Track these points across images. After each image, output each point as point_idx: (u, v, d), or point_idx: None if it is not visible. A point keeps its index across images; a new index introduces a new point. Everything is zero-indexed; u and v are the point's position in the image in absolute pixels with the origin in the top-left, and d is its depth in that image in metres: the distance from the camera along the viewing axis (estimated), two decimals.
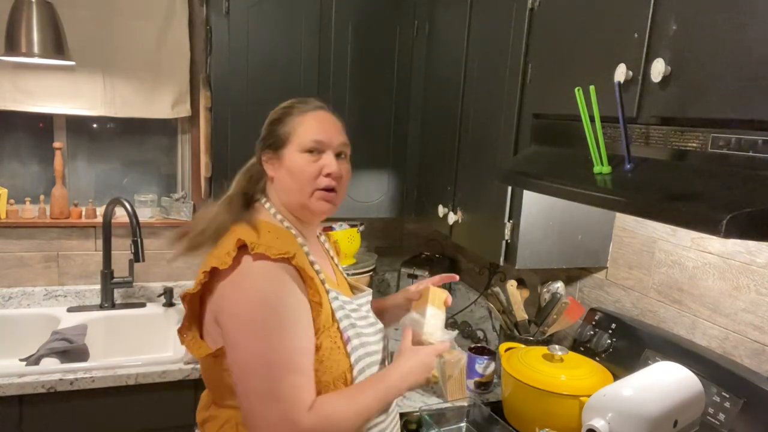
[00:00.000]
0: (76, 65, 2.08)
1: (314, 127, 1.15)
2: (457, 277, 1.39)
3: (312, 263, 1.12)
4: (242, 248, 1.02)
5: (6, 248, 2.19)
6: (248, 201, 1.20)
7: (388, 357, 1.22)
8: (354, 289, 1.30)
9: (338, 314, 1.09)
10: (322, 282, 1.11)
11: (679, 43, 0.96)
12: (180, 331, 1.13)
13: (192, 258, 1.13)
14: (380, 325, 1.23)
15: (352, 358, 1.08)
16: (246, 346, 0.99)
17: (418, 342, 1.17)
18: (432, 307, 1.23)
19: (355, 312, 1.16)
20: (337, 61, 2.09)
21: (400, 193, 2.28)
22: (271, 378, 0.97)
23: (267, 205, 1.18)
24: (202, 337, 1.11)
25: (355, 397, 1.05)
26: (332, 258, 1.32)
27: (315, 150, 1.13)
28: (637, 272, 1.60)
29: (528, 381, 1.42)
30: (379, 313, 1.32)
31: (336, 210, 1.18)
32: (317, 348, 1.04)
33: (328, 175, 1.13)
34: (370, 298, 1.27)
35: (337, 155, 1.16)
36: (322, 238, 1.34)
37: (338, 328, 1.08)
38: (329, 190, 1.14)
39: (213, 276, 1.04)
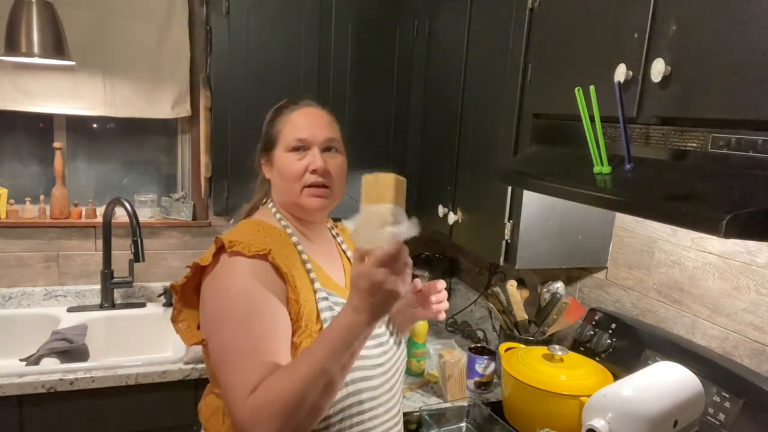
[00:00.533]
0: (76, 65, 2.08)
1: (298, 124, 1.15)
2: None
3: (304, 262, 1.11)
4: (222, 247, 1.05)
5: (6, 248, 2.19)
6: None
7: (392, 370, 1.18)
8: None
9: (324, 315, 1.07)
10: (312, 281, 1.10)
11: (679, 43, 0.96)
12: (173, 320, 1.16)
13: (192, 258, 1.15)
14: (382, 330, 1.19)
15: None
16: (213, 338, 1.02)
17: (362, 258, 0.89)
18: (366, 205, 0.90)
19: None
20: (337, 61, 2.09)
21: None
22: (230, 366, 0.97)
23: (270, 205, 1.21)
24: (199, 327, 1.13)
25: (295, 369, 0.91)
26: (344, 252, 1.30)
27: (300, 148, 1.14)
28: (637, 272, 1.60)
29: (528, 381, 1.42)
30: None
31: (333, 205, 1.18)
32: (296, 346, 1.03)
33: (314, 172, 1.12)
34: None
35: (327, 149, 1.16)
36: (340, 238, 1.33)
37: (321, 329, 1.06)
38: (318, 186, 1.14)
39: (197, 272, 1.08)
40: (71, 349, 1.86)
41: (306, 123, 1.15)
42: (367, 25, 2.11)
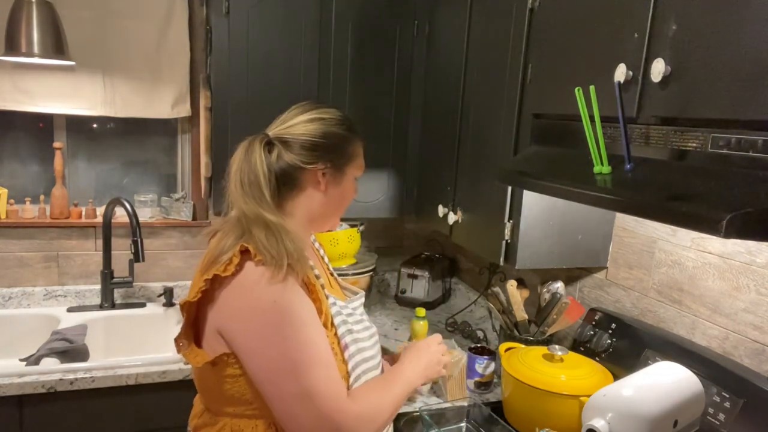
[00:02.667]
0: (76, 65, 2.08)
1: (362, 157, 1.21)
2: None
3: (312, 268, 1.10)
4: (245, 254, 1.00)
5: (6, 248, 2.19)
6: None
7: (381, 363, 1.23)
8: (345, 290, 1.29)
9: (336, 320, 1.08)
10: (322, 287, 1.10)
11: (679, 43, 0.96)
12: (177, 340, 1.09)
13: (192, 258, 1.13)
14: (374, 329, 1.22)
15: (350, 365, 1.07)
16: (265, 352, 0.98)
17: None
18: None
19: (351, 316, 1.14)
20: (337, 61, 2.09)
21: (400, 193, 2.28)
22: (302, 378, 0.96)
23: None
24: (198, 344, 1.07)
25: (386, 389, 1.10)
26: (323, 258, 1.31)
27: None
28: (637, 272, 1.60)
29: (528, 381, 1.42)
30: None
31: None
32: None
33: None
34: (363, 300, 1.27)
35: None
36: (312, 237, 1.32)
37: (336, 334, 1.07)
38: None
39: (214, 283, 1.01)
40: (71, 349, 1.86)
41: None
42: (367, 25, 2.11)
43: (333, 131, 1.13)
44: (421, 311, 1.86)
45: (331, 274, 1.30)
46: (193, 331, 1.08)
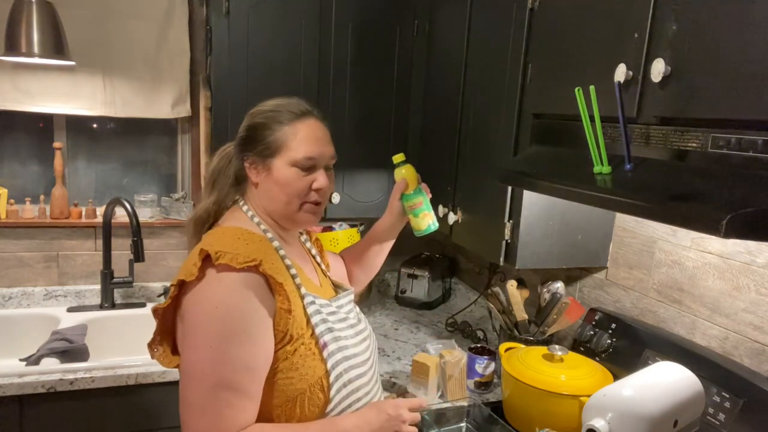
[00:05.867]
0: (76, 65, 2.08)
1: (307, 141, 1.10)
2: None
3: (288, 267, 1.09)
4: (207, 259, 0.99)
5: (6, 248, 2.19)
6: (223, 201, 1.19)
7: (375, 360, 1.21)
8: (338, 289, 1.28)
9: (314, 319, 1.07)
10: (298, 287, 1.08)
11: (679, 43, 0.96)
12: (150, 346, 1.09)
13: None
14: (363, 325, 1.21)
15: (329, 364, 1.05)
16: (191, 355, 0.98)
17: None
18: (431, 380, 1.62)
19: (333, 315, 1.13)
20: (337, 61, 2.09)
21: None
22: (207, 391, 0.96)
23: (245, 207, 1.15)
24: (175, 349, 1.09)
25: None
26: (314, 257, 1.29)
27: (309, 168, 1.10)
28: (637, 272, 1.60)
29: (528, 381, 1.42)
30: (379, 238, 1.42)
31: (319, 220, 1.18)
32: (288, 354, 1.02)
33: (317, 190, 1.11)
34: (352, 297, 1.26)
35: (326, 167, 1.15)
36: (303, 237, 1.31)
37: (312, 334, 1.06)
38: (316, 203, 1.13)
39: (182, 288, 1.01)
40: (71, 349, 1.86)
41: (315, 141, 1.11)
42: (367, 25, 2.11)
43: (253, 123, 1.15)
44: (399, 156, 1.39)
45: (324, 272, 1.29)
46: (171, 337, 1.09)
